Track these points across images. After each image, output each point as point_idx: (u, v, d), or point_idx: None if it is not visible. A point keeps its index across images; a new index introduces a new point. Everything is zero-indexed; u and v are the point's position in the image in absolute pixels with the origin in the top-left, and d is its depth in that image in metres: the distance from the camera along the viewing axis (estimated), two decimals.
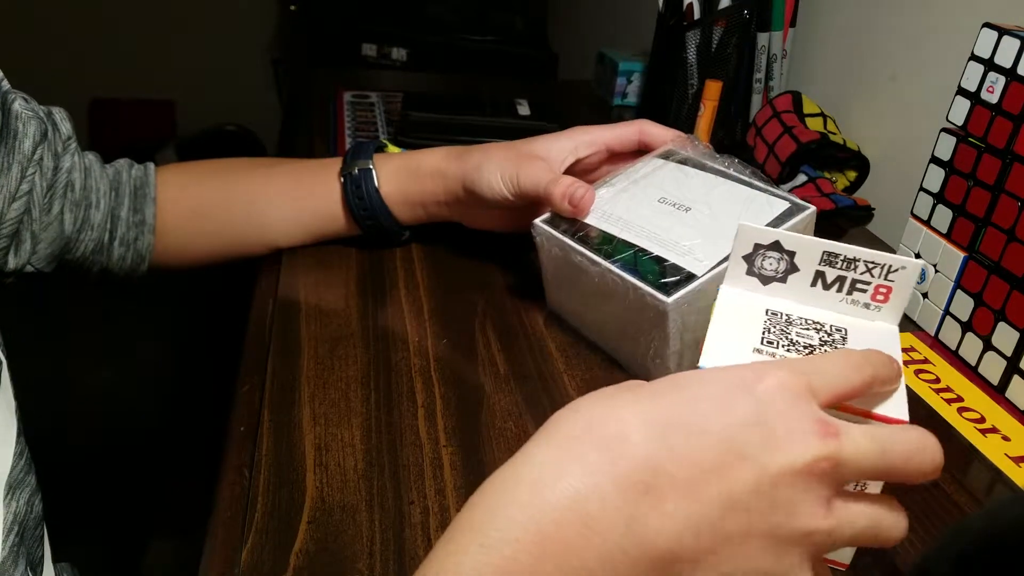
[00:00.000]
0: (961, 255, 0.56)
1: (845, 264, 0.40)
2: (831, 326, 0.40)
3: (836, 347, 0.38)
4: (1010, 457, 0.48)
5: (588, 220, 0.53)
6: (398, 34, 1.89)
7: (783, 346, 0.38)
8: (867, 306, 0.40)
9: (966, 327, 0.56)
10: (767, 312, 0.40)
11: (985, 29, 0.54)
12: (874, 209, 0.80)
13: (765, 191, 0.52)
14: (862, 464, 0.27)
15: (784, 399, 0.27)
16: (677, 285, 0.46)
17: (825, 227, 0.77)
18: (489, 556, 0.25)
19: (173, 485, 1.31)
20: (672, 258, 0.48)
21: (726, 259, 0.47)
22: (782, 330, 0.39)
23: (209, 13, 2.37)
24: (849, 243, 0.41)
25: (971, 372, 0.55)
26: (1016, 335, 0.52)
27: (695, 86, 0.90)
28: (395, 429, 0.45)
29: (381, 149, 0.63)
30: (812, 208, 0.50)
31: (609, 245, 0.50)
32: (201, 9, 2.36)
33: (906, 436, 0.28)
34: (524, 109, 0.92)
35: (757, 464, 0.26)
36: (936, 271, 0.58)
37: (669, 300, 0.46)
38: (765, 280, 0.41)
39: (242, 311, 0.57)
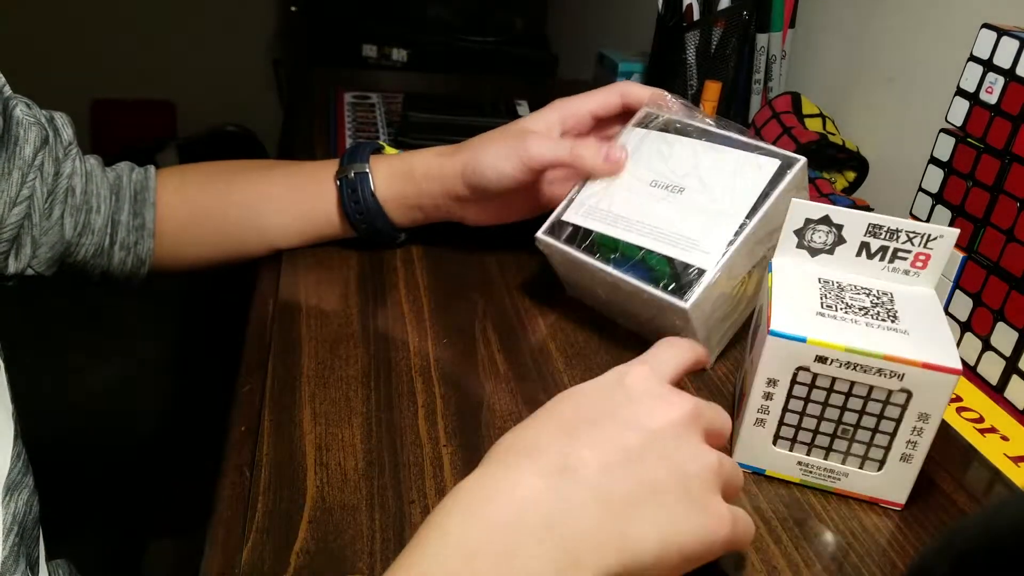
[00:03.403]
0: (960, 255, 0.56)
1: (888, 234, 0.44)
2: (878, 290, 0.44)
3: (886, 308, 0.43)
4: (1009, 457, 0.48)
5: (587, 224, 0.53)
6: (398, 35, 1.89)
7: (841, 309, 0.42)
8: (907, 272, 0.45)
9: (965, 327, 0.56)
10: (820, 280, 0.44)
11: (984, 30, 0.54)
12: (873, 209, 0.80)
13: (751, 151, 0.52)
14: (709, 413, 0.35)
15: (645, 384, 0.34)
16: (692, 285, 0.48)
17: None
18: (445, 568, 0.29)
19: (173, 484, 1.31)
20: (680, 255, 0.49)
21: (732, 243, 0.48)
22: (836, 295, 0.43)
23: (209, 13, 2.37)
24: None
25: (970, 372, 0.55)
26: (1015, 335, 0.52)
27: (694, 87, 0.90)
28: (395, 429, 0.46)
29: (379, 151, 0.63)
30: (802, 160, 0.50)
31: (615, 251, 0.51)
32: (201, 9, 2.36)
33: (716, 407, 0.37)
34: (524, 110, 0.92)
35: (641, 427, 0.33)
36: None
37: (687, 305, 0.47)
38: (814, 252, 0.45)
39: (242, 311, 0.57)
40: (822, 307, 0.42)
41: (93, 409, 1.57)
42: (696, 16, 0.87)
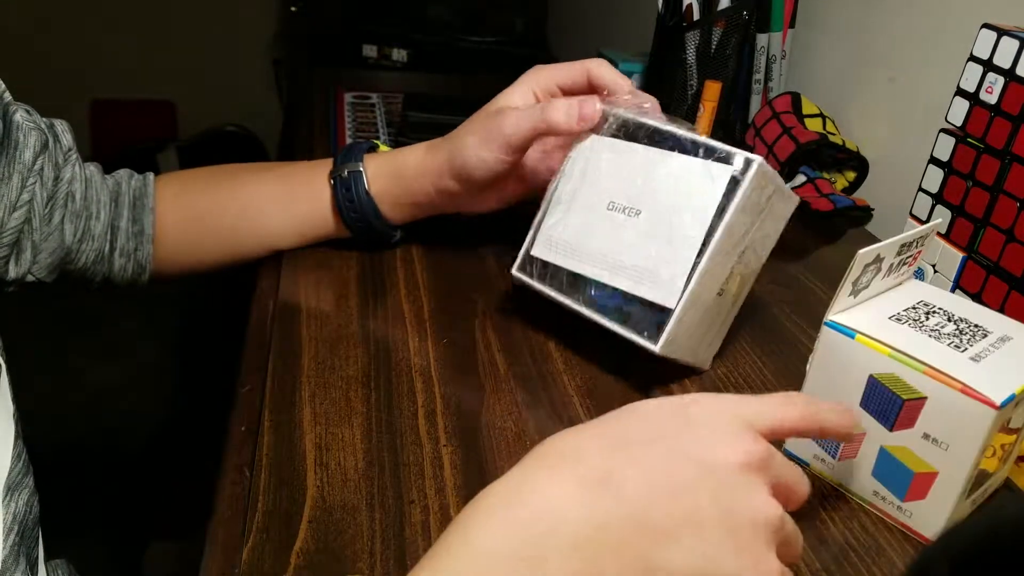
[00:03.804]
0: (960, 255, 0.56)
1: (906, 248, 0.43)
2: (923, 304, 0.44)
3: (960, 320, 0.42)
4: None
5: (555, 260, 0.52)
6: (398, 35, 1.89)
7: (966, 346, 0.40)
8: (902, 273, 0.45)
9: None
10: (894, 320, 0.42)
11: (984, 30, 0.54)
12: (873, 209, 0.80)
13: (704, 155, 0.49)
14: (784, 469, 0.32)
15: (713, 415, 0.31)
16: (660, 325, 0.47)
17: (824, 227, 0.77)
18: (473, 567, 0.28)
19: (174, 484, 1.31)
20: (645, 292, 0.48)
21: (694, 272, 0.47)
22: (933, 331, 0.42)
23: (209, 13, 2.37)
24: (848, 244, 0.42)
25: None
26: None
27: (694, 87, 0.90)
28: (395, 428, 0.46)
29: (373, 149, 0.63)
30: (756, 161, 0.47)
31: (584, 288, 0.51)
32: (201, 9, 2.36)
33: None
34: None
35: (695, 459, 0.30)
36: (935, 271, 0.59)
37: (658, 348, 0.47)
38: (857, 293, 0.43)
39: (242, 311, 0.57)
40: (959, 350, 0.40)
41: (93, 410, 1.58)
42: (696, 16, 0.87)
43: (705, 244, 0.47)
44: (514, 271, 0.55)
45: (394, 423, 0.46)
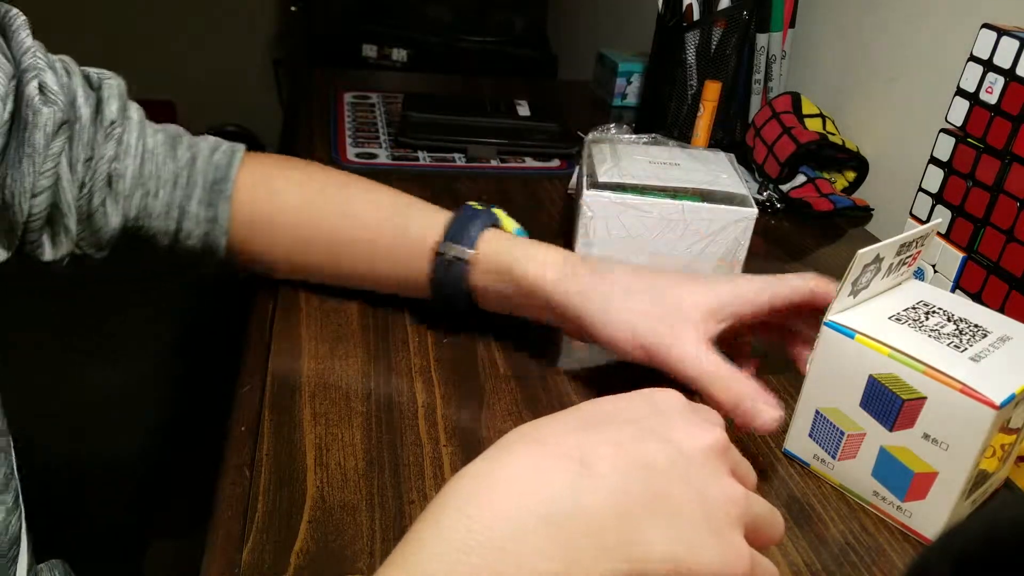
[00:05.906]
0: (960, 255, 0.56)
1: (905, 248, 0.43)
2: (923, 304, 0.44)
3: (959, 321, 0.43)
4: None
5: (624, 180, 0.60)
6: (399, 35, 1.89)
7: (965, 346, 0.40)
8: (902, 273, 0.45)
9: None
10: (895, 320, 0.42)
11: (984, 30, 0.54)
12: (873, 209, 0.80)
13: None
14: (737, 454, 0.33)
15: (677, 405, 0.33)
16: (744, 202, 0.60)
17: (824, 227, 0.77)
18: (453, 547, 0.27)
19: (173, 484, 1.31)
20: (718, 187, 0.60)
21: (748, 185, 0.61)
22: (932, 331, 0.42)
23: (209, 13, 2.37)
24: (848, 244, 0.42)
25: None
26: None
27: (694, 87, 0.90)
28: (395, 428, 0.46)
29: (496, 222, 0.53)
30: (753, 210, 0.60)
31: (663, 193, 0.59)
32: (201, 9, 2.36)
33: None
34: (524, 109, 0.92)
35: (667, 441, 0.30)
36: (935, 271, 0.59)
37: (755, 209, 0.59)
38: (857, 293, 0.43)
39: (242, 311, 0.57)
40: (958, 350, 0.40)
41: (93, 409, 1.57)
42: (696, 16, 0.87)
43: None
44: (587, 191, 0.60)
45: (394, 423, 0.46)
